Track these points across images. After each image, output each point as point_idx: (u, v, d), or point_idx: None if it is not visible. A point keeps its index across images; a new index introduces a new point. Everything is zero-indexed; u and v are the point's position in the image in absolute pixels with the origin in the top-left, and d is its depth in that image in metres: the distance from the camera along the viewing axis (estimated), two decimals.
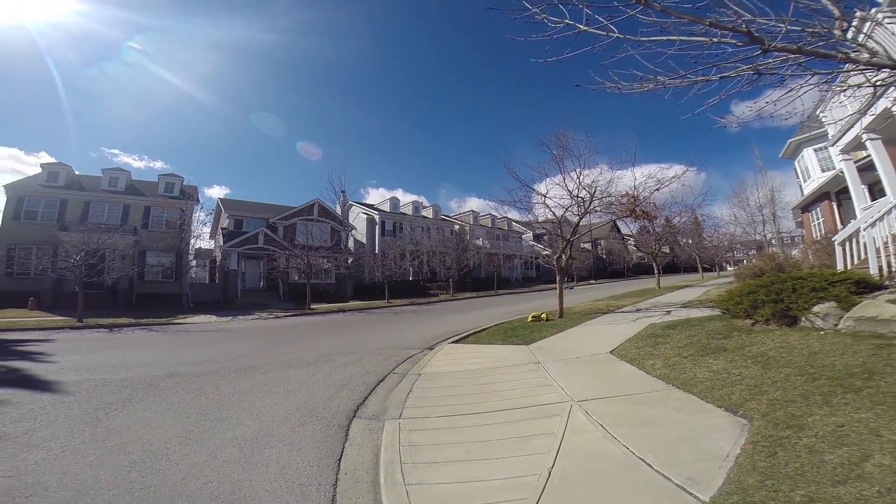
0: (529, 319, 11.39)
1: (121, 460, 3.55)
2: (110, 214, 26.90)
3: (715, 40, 3.30)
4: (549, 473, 2.98)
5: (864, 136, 10.26)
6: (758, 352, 5.21)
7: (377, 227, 39.80)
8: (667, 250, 35.90)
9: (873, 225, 8.04)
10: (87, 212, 26.12)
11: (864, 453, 2.63)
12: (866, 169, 12.25)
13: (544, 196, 12.75)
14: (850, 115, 9.21)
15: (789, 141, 21.09)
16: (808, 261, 13.69)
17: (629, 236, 53.87)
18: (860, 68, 3.41)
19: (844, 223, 14.71)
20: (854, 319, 5.32)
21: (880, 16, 4.83)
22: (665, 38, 3.41)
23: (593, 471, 3.01)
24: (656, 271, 25.60)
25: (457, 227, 48.01)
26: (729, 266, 49.02)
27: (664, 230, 27.55)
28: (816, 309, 5.81)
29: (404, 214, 43.08)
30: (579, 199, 12.30)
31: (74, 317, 16.56)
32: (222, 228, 33.26)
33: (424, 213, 45.50)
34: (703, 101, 3.86)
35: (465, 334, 10.33)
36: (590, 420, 3.93)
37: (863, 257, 8.64)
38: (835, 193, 18.02)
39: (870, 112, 8.70)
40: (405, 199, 46.33)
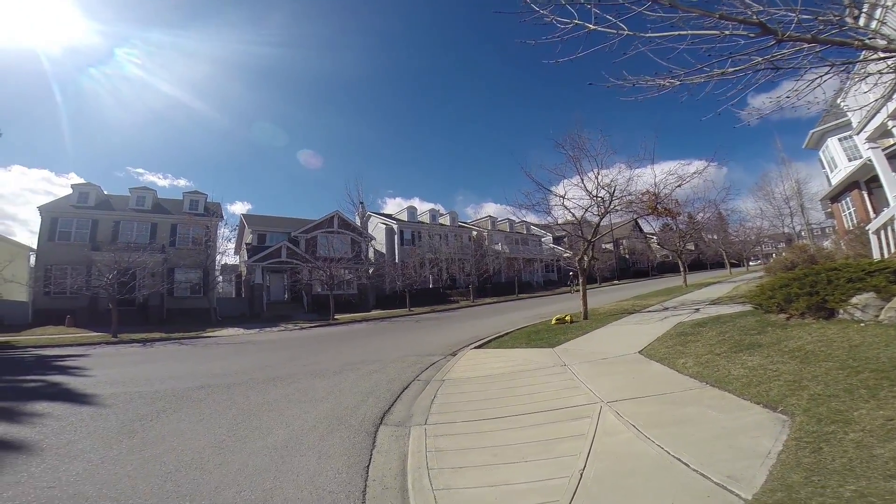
0: (553, 322, 11.26)
1: (157, 470, 3.61)
2: (139, 233, 27.78)
3: (727, 33, 3.24)
4: (581, 475, 2.91)
5: (891, 123, 9.90)
6: (795, 346, 5.02)
7: (396, 236, 40.05)
8: (692, 247, 35.14)
9: None
10: (117, 231, 27.04)
11: None
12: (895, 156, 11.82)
13: (562, 198, 12.63)
14: (874, 103, 8.90)
15: (811, 132, 20.52)
16: (841, 251, 13.20)
17: (652, 234, 52.92)
18: (879, 55, 3.29)
19: (877, 211, 14.16)
20: None
21: (890, 2, 4.65)
22: (676, 33, 3.35)
23: (627, 472, 2.92)
24: (682, 269, 25.05)
25: (475, 233, 47.93)
26: (750, 262, 47.49)
27: (688, 227, 26.98)
28: (855, 300, 5.58)
29: (422, 223, 43.23)
30: (599, 199, 12.15)
31: (109, 332, 17.11)
32: (246, 244, 33.96)
33: (442, 220, 45.59)
34: (720, 97, 3.78)
35: (488, 339, 10.27)
36: (621, 421, 3.83)
37: None
38: (864, 182, 17.38)
39: (895, 98, 8.39)
40: (422, 207, 46.54)
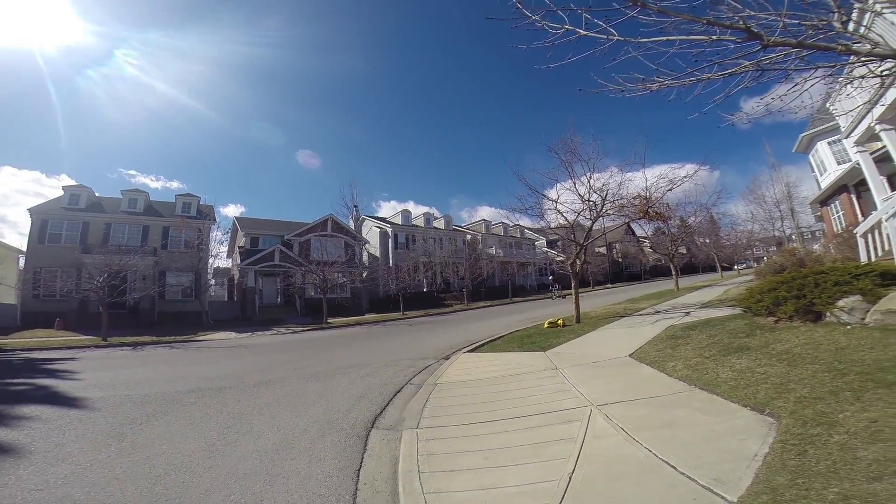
0: (546, 326, 11.29)
1: (146, 473, 3.60)
2: (130, 235, 27.51)
3: (714, 38, 3.29)
4: (570, 478, 2.93)
5: (878, 127, 10.04)
6: (782, 349, 5.08)
7: (390, 240, 39.99)
8: (683, 251, 35.36)
9: None
10: (108, 233, 26.76)
11: None
12: (883, 160, 11.98)
13: (555, 202, 12.71)
14: (860, 107, 9.05)
15: (801, 135, 20.71)
16: (829, 255, 13.35)
17: (644, 238, 53.22)
18: (863, 60, 3.35)
19: (865, 215, 14.35)
20: (882, 312, 5.16)
21: (878, 6, 4.74)
22: (665, 38, 3.41)
23: (615, 474, 2.95)
24: (674, 272, 25.22)
25: (469, 236, 47.94)
26: (737, 266, 48.03)
27: (680, 231, 27.18)
28: (841, 303, 5.66)
29: (416, 226, 43.19)
30: (591, 202, 12.22)
31: (99, 336, 16.89)
32: (239, 247, 33.77)
33: (436, 224, 45.58)
34: (709, 100, 3.83)
35: (481, 343, 10.28)
36: (610, 424, 3.86)
37: (887, 248, 8.42)
38: (853, 185, 17.57)
39: (880, 102, 8.54)
40: (417, 210, 46.54)
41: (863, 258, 9.16)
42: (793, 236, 32.17)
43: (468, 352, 9.22)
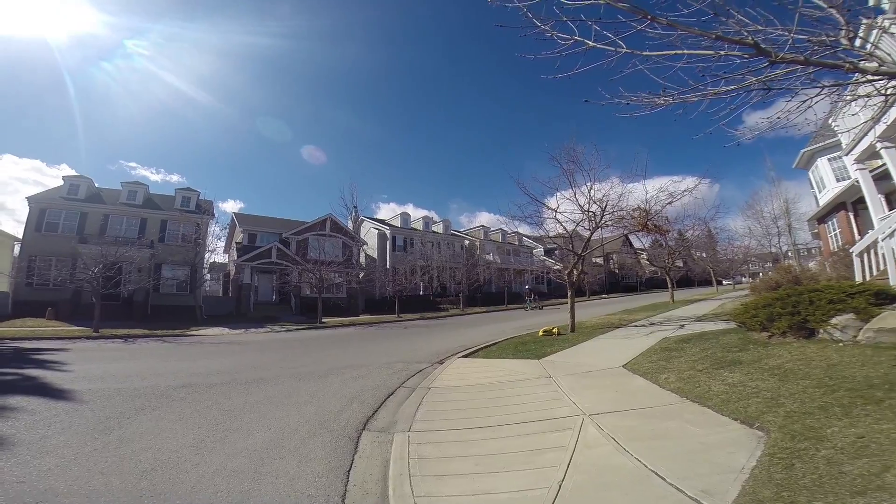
0: (541, 334, 11.30)
1: (132, 468, 3.56)
2: (128, 227, 27.42)
3: (722, 53, 3.32)
4: (560, 486, 2.93)
5: (879, 145, 10.13)
6: (774, 364, 5.12)
7: (388, 242, 39.99)
8: (680, 264, 35.52)
9: (892, 235, 7.91)
10: (105, 224, 26.67)
11: (885, 464, 2.57)
12: (882, 178, 12.07)
13: (555, 211, 12.74)
14: (863, 124, 9.13)
15: (802, 151, 20.81)
16: (825, 273, 13.43)
17: (642, 250, 53.41)
18: (869, 78, 3.39)
19: (862, 234, 14.44)
20: (874, 331, 5.21)
21: (887, 23, 4.79)
22: (672, 52, 3.43)
23: (605, 484, 2.96)
24: (670, 285, 25.32)
25: (467, 242, 48.02)
26: (723, 281, 48.26)
27: (677, 244, 27.29)
28: (835, 321, 5.71)
29: (415, 230, 43.21)
30: (590, 213, 12.27)
31: (91, 327, 16.81)
32: (236, 243, 33.70)
33: (435, 228, 45.63)
34: (714, 115, 3.86)
35: (476, 349, 10.29)
36: (602, 434, 3.87)
37: (882, 268, 8.48)
38: (851, 203, 17.67)
39: (883, 120, 8.61)
40: (416, 214, 46.54)
41: (858, 277, 9.22)
42: (789, 253, 32.32)
43: (462, 357, 9.22)
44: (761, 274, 41.86)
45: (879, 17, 4.51)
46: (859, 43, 3.36)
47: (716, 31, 3.24)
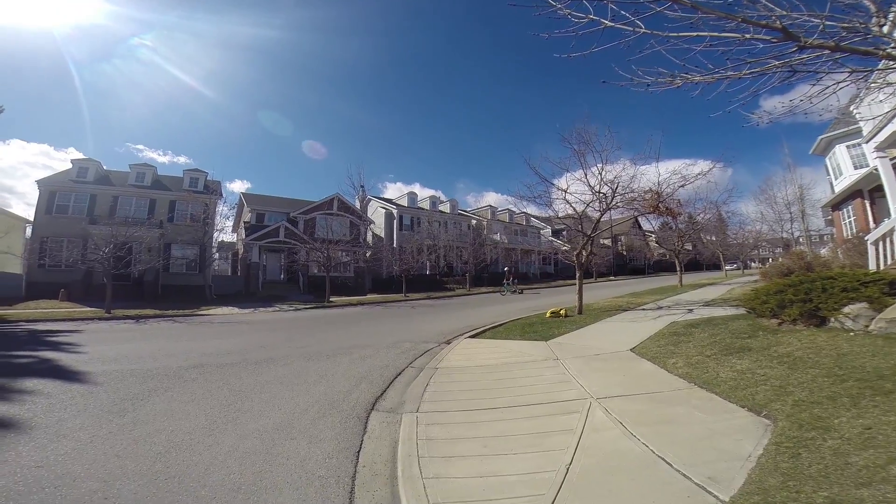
0: (548, 315, 11.33)
1: (146, 451, 3.60)
2: (137, 208, 27.71)
3: (747, 37, 3.22)
4: (567, 470, 2.97)
5: None
6: (784, 352, 5.09)
7: (395, 221, 40.00)
8: (689, 247, 35.20)
9: None
10: (115, 206, 26.94)
11: (892, 456, 2.56)
12: None
13: (565, 191, 12.62)
14: (887, 113, 8.86)
15: (820, 137, 20.38)
16: (838, 260, 13.26)
17: (651, 233, 52.99)
18: None
19: (877, 222, 14.20)
20: (887, 321, 5.15)
21: None
22: (695, 34, 3.33)
23: (612, 468, 2.99)
24: (678, 268, 25.14)
25: (474, 221, 47.90)
26: (727, 267, 47.98)
27: (687, 227, 27.00)
28: (847, 310, 5.65)
29: (422, 209, 43.12)
30: (601, 194, 12.15)
31: (103, 308, 17.05)
32: (244, 222, 33.88)
33: (442, 207, 45.51)
34: (731, 98, 3.77)
35: (482, 329, 10.33)
36: (609, 418, 3.90)
37: None
38: (868, 191, 17.34)
39: None
40: (423, 193, 46.44)
41: (872, 266, 9.09)
42: (801, 239, 31.93)
43: (469, 337, 9.27)
44: (771, 259, 41.45)
45: None
46: (888, 29, 3.23)
47: (741, 13, 3.13)
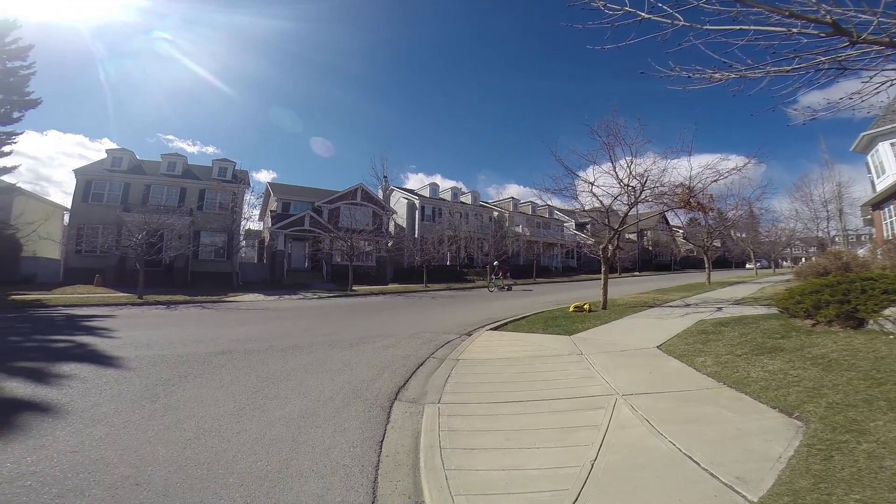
0: (571, 310, 11.22)
1: (177, 437, 3.69)
2: (169, 196, 28.54)
3: (794, 31, 3.09)
4: (592, 465, 2.94)
5: None
6: (818, 353, 4.94)
7: (417, 211, 40.11)
8: (718, 244, 34.26)
9: None
10: (147, 194, 27.80)
11: None
12: None
13: (591, 184, 12.41)
14: None
15: (862, 134, 19.58)
16: (877, 261, 12.71)
17: (678, 228, 51.82)
18: None
19: None
20: None
21: None
22: (737, 27, 3.22)
23: (638, 465, 2.95)
24: (707, 265, 24.50)
25: (496, 213, 47.66)
26: (747, 265, 46.70)
27: (717, 223, 26.26)
28: (888, 312, 5.44)
29: (443, 200, 43.09)
30: (629, 188, 11.91)
31: (136, 293, 17.67)
32: (271, 211, 34.49)
33: (463, 199, 45.39)
34: (769, 94, 3.66)
35: (504, 321, 10.31)
36: (635, 415, 3.85)
37: None
38: None
39: None
40: (444, 184, 46.28)
41: None
42: (837, 238, 30.74)
43: (491, 329, 9.25)
44: (804, 258, 40.03)
45: None
46: None
47: (789, 7, 3.00)
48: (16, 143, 22.81)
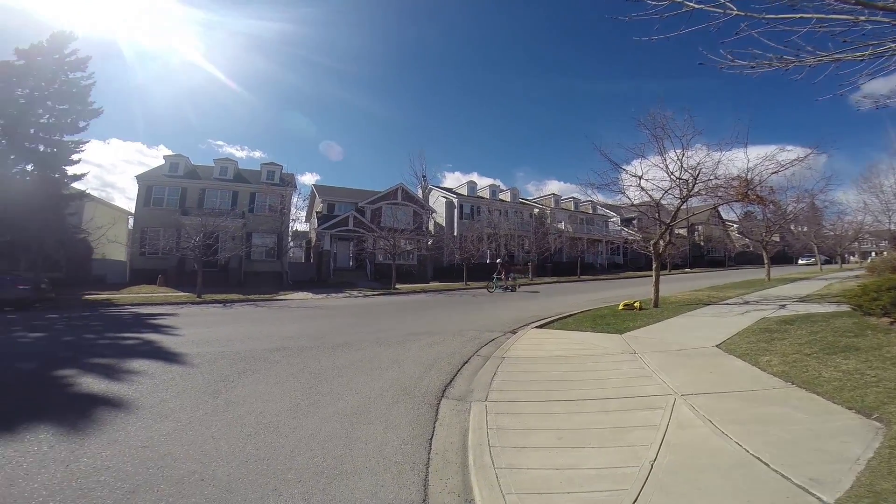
0: (620, 307, 10.89)
1: (238, 432, 3.82)
2: (222, 200, 30.03)
3: (862, 19, 2.89)
4: (652, 466, 2.84)
5: None
6: None
7: (456, 210, 40.10)
8: (776, 238, 32.22)
9: None
10: (202, 198, 29.34)
11: None
12: None
13: (639, 178, 11.97)
14: None
15: None
16: None
17: (732, 222, 49.27)
18: None
19: None
20: None
21: None
22: (798, 15, 3.04)
23: (701, 466, 2.82)
24: (765, 261, 23.11)
25: (536, 210, 46.96)
26: (801, 260, 43.66)
27: (775, 216, 24.70)
28: None
29: (482, 198, 42.83)
30: (681, 181, 11.41)
31: (195, 292, 18.73)
32: (317, 212, 35.52)
33: (502, 196, 44.96)
34: (839, 79, 3.43)
35: (549, 319, 10.15)
36: (696, 415, 3.68)
37: None
38: None
39: None
40: (482, 182, 45.90)
41: None
42: None
43: (536, 327, 9.13)
44: (874, 253, 37.10)
45: None
46: None
47: None
48: (83, 151, 24.31)
